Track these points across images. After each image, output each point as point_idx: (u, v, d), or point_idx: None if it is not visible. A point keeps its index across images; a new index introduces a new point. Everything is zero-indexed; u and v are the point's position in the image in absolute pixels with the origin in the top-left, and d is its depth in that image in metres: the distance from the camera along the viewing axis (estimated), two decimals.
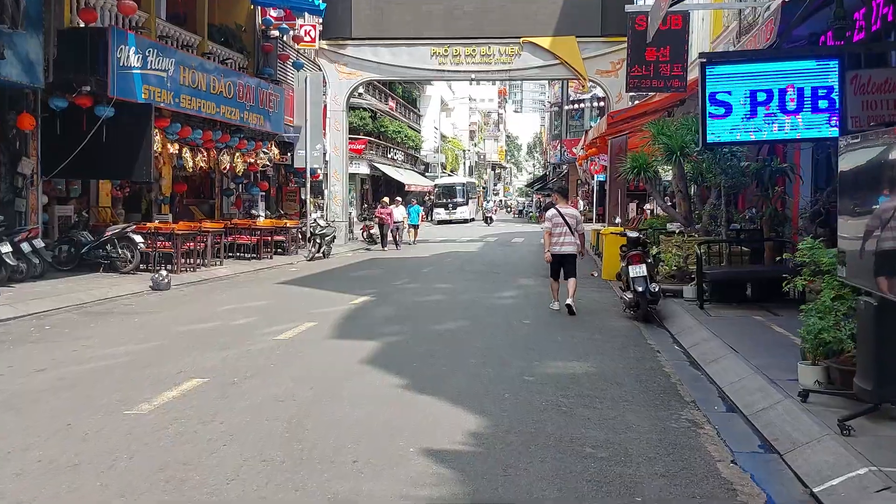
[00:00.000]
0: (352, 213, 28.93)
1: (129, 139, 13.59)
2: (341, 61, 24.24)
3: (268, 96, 19.56)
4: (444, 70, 24.74)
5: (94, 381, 6.22)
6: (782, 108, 7.19)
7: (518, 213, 66.22)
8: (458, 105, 72.80)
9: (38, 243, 12.12)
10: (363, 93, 34.80)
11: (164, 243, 14.11)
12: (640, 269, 9.56)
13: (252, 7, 20.27)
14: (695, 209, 12.79)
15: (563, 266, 10.43)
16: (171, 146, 15.61)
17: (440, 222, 44.99)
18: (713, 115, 7.38)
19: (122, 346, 7.76)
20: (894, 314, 4.43)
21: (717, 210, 11.57)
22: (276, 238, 19.05)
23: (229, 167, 18.68)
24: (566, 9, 23.27)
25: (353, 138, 33.01)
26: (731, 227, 11.15)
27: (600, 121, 23.56)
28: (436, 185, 50.08)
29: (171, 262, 14.07)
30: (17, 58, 11.56)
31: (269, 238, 18.49)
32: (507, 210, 75.03)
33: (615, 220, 20.27)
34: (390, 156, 44.19)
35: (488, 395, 5.88)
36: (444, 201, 47.35)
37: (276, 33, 21.23)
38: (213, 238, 15.54)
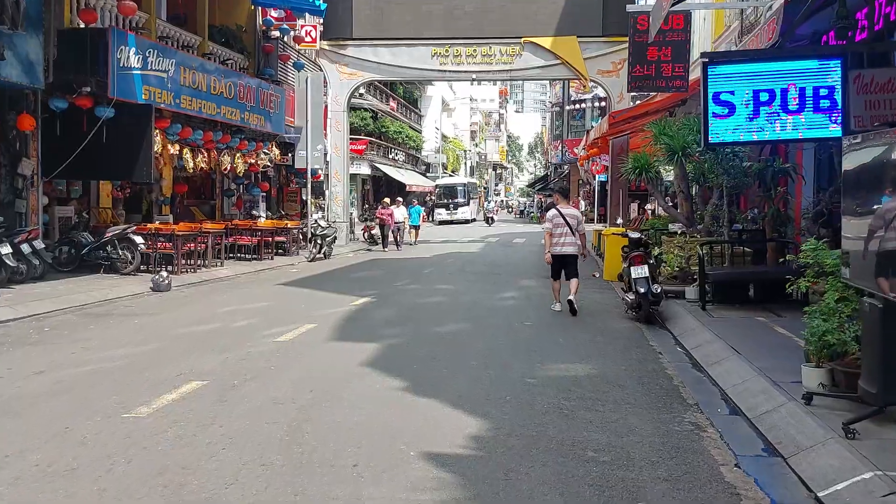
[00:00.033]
0: (353, 214, 28.92)
1: (129, 140, 13.58)
2: (342, 62, 24.22)
3: (268, 97, 19.54)
4: (444, 70, 24.69)
5: (92, 383, 6.19)
6: (784, 107, 7.15)
7: (519, 213, 66.13)
8: (460, 105, 72.77)
9: (39, 244, 12.11)
10: (364, 93, 34.77)
11: (165, 244, 14.07)
12: (642, 270, 9.52)
13: (253, 8, 20.26)
14: (697, 209, 12.75)
15: (564, 267, 10.40)
16: (171, 147, 15.59)
17: (441, 223, 44.91)
18: (716, 114, 7.33)
19: (122, 348, 7.73)
20: None
21: (720, 210, 11.51)
22: (277, 239, 19.02)
23: (230, 168, 18.69)
24: (567, 8, 23.23)
25: (354, 139, 33.02)
26: (733, 227, 11.10)
27: (602, 121, 23.52)
28: (437, 186, 49.97)
29: (172, 263, 14.04)
30: (17, 58, 11.54)
31: (270, 239, 18.46)
32: (509, 210, 74.98)
33: (617, 221, 20.22)
34: (391, 156, 44.16)
35: (489, 398, 5.84)
36: (446, 202, 47.23)
37: (276, 34, 21.22)
38: (214, 239, 15.52)
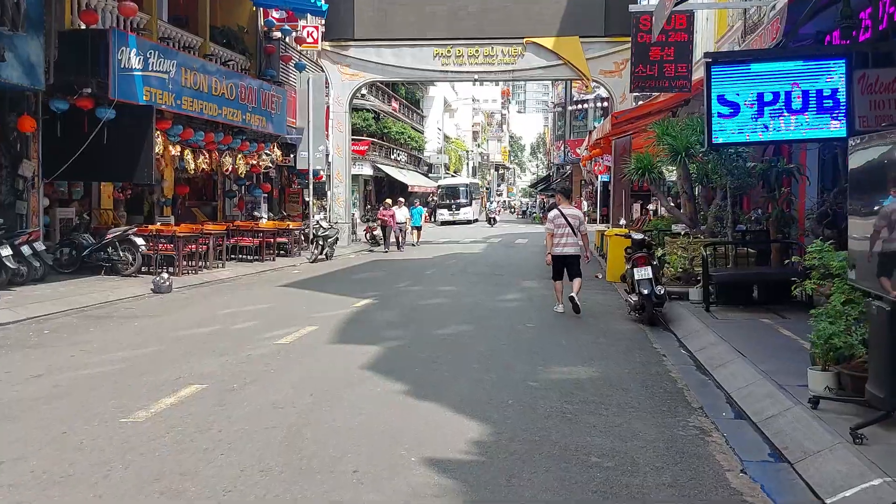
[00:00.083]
0: (355, 215, 28.86)
1: (130, 141, 13.53)
2: (344, 62, 24.18)
3: (270, 98, 19.50)
4: (447, 71, 24.65)
5: (91, 387, 6.14)
6: (788, 107, 7.10)
7: (522, 213, 66.09)
8: (462, 106, 72.74)
9: (39, 246, 12.08)
10: (366, 94, 34.72)
11: (166, 246, 14.03)
12: (645, 272, 9.45)
13: (254, 8, 20.24)
14: (700, 210, 12.68)
15: (566, 267, 10.35)
16: (172, 148, 15.55)
17: (443, 223, 44.86)
18: (719, 114, 7.28)
19: (121, 351, 7.67)
20: None
21: (723, 211, 11.44)
22: (279, 240, 18.97)
23: (231, 169, 18.65)
24: (569, 9, 23.18)
25: (356, 139, 32.99)
26: (736, 228, 11.04)
27: (604, 121, 23.45)
28: (439, 186, 49.95)
29: (173, 264, 14.00)
30: (18, 60, 11.52)
31: (272, 240, 18.41)
32: (511, 211, 74.93)
33: (620, 222, 20.13)
34: (393, 157, 44.11)
35: (491, 402, 5.78)
36: (448, 202, 47.19)
37: (278, 35, 21.19)
38: (215, 240, 15.48)
